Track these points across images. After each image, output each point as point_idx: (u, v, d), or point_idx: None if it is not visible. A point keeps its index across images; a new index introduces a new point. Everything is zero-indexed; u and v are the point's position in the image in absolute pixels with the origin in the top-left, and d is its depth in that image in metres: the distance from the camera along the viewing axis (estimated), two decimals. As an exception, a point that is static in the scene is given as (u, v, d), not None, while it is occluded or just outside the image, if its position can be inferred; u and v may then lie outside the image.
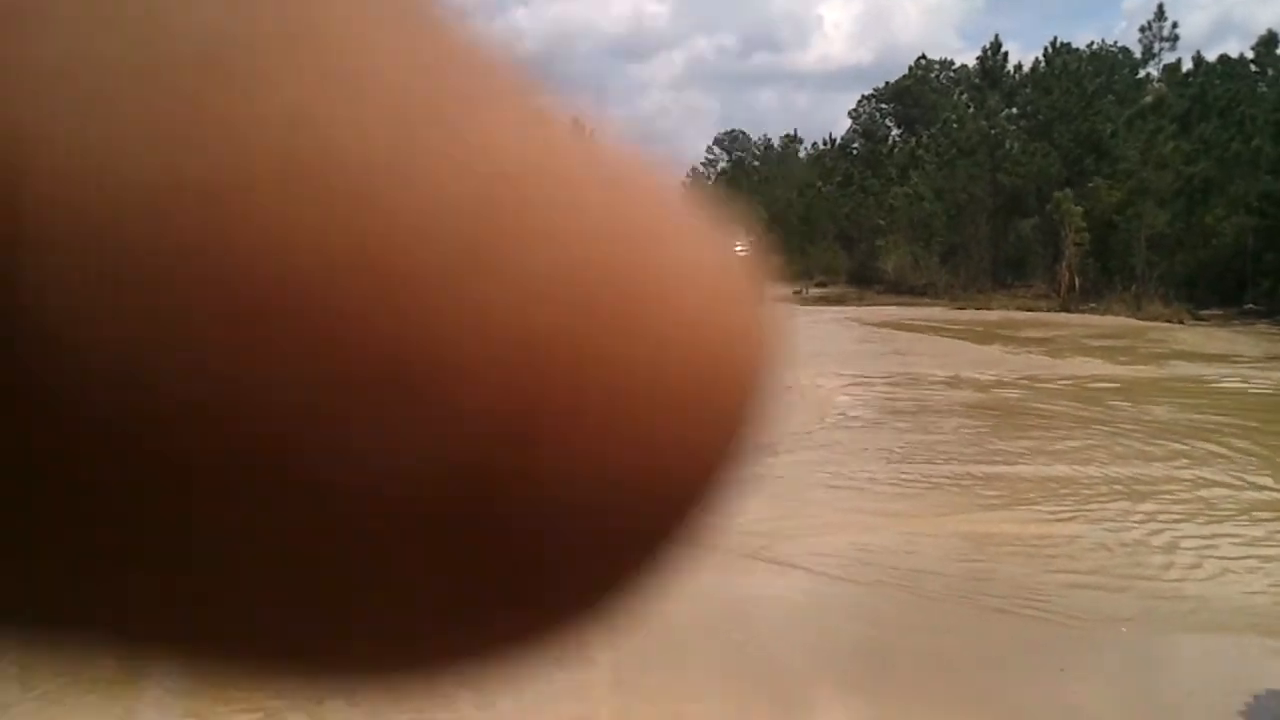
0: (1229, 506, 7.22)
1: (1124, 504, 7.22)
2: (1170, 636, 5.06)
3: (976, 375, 14.45)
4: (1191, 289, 27.63)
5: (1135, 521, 6.83)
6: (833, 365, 15.22)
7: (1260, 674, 4.49)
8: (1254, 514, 7.02)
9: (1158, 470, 8.30)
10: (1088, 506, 7.17)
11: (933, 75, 68.63)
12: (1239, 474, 8.14)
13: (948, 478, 8.13)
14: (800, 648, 4.86)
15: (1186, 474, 8.17)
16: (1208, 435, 9.80)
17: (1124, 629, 5.04)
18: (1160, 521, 6.84)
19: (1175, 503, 7.31)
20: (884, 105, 71.48)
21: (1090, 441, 9.48)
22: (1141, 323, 24.13)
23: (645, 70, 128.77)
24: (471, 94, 0.12)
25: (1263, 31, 37.92)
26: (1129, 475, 8.06)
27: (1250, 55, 38.27)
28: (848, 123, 73.24)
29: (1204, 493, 7.56)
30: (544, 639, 0.13)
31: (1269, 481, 7.89)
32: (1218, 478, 8.02)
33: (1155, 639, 5.04)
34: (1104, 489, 7.65)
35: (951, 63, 67.55)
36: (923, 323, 24.14)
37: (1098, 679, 4.54)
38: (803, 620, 5.22)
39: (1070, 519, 6.88)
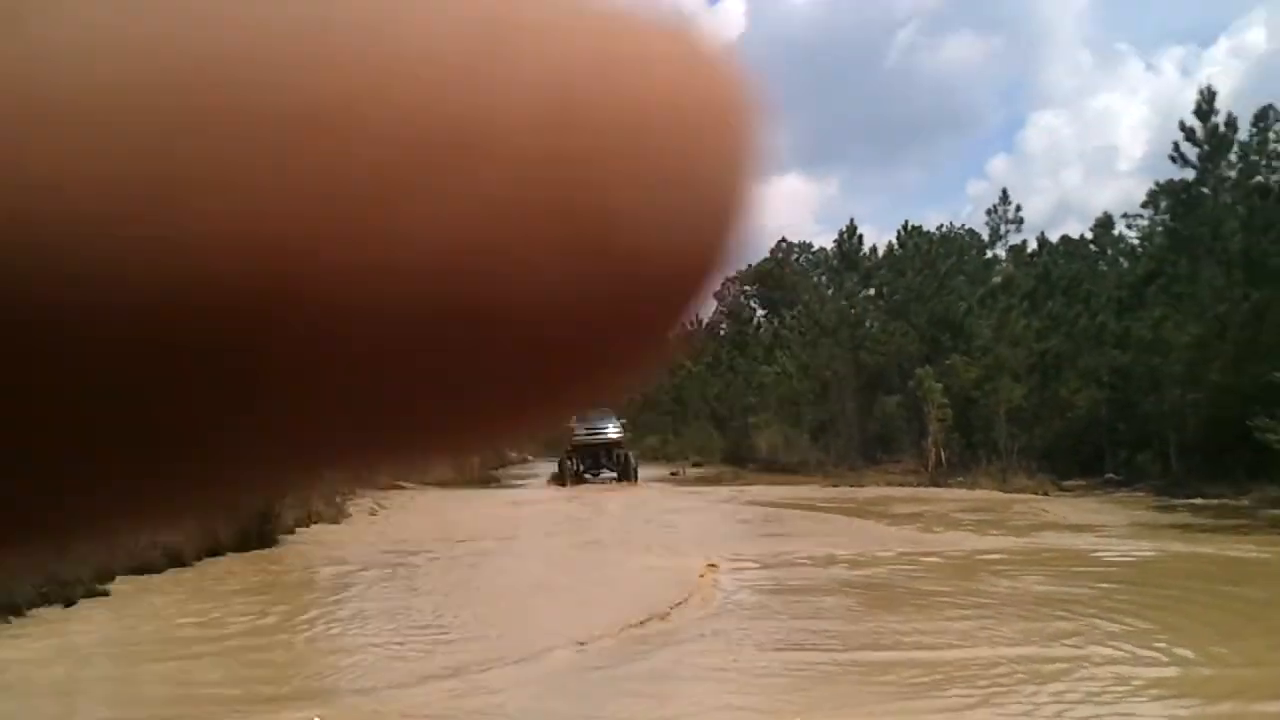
0: (1137, 681, 7.12)
1: (1030, 686, 7.06)
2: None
3: (856, 554, 14.39)
4: (1053, 460, 28.48)
5: (1045, 702, 6.66)
6: (717, 547, 15.03)
7: None
8: (1162, 688, 6.94)
9: (1055, 649, 8.20)
10: (992, 690, 6.99)
11: (793, 258, 71.22)
12: (1135, 647, 8.09)
13: (840, 666, 7.89)
14: None
15: (1083, 650, 8.08)
16: (1094, 606, 9.82)
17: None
18: (1068, 702, 6.69)
19: (1081, 680, 7.18)
20: (747, 287, 73.70)
21: (980, 620, 9.39)
22: (1008, 495, 24.63)
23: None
24: None
25: (1099, 213, 40.64)
26: (1026, 655, 7.92)
27: (1089, 235, 40.90)
28: (714, 304, 75.19)
29: (1109, 669, 7.47)
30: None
31: (1168, 653, 7.86)
32: (1115, 652, 7.96)
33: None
34: (1003, 670, 7.49)
35: (810, 245, 70.28)
36: (802, 502, 24.22)
37: None
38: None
39: (977, 706, 6.67)
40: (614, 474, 34.54)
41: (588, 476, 34.23)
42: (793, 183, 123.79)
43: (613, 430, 35.87)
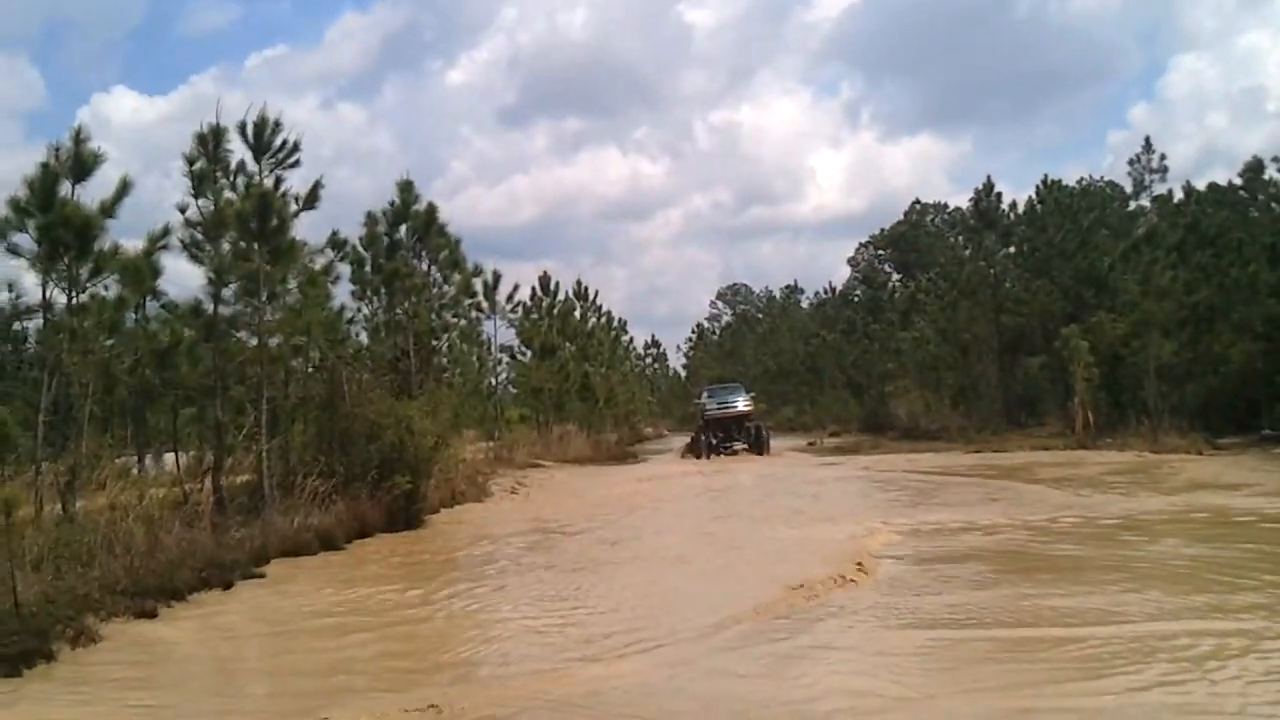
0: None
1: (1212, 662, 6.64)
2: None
3: (1001, 521, 14.03)
4: (1207, 417, 27.25)
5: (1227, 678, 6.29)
6: (856, 520, 14.85)
7: None
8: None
9: (1229, 622, 7.77)
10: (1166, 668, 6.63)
11: (927, 219, 69.84)
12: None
13: (997, 643, 7.63)
14: None
15: (1257, 624, 7.65)
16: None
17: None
18: (1249, 679, 6.33)
19: (1262, 656, 6.79)
20: (881, 251, 72.57)
21: (1143, 590, 8.98)
22: (1159, 456, 23.68)
23: (644, 230, 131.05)
24: None
25: (1248, 158, 38.53)
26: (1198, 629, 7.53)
27: (1238, 182, 38.85)
28: (847, 270, 74.26)
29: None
30: None
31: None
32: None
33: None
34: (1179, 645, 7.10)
35: (945, 206, 68.86)
36: (946, 470, 23.73)
37: None
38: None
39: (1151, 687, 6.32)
40: (745, 446, 34.87)
41: (721, 450, 34.54)
42: (924, 142, 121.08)
43: (743, 403, 36.84)
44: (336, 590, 11.37)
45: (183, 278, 17.30)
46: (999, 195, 40.55)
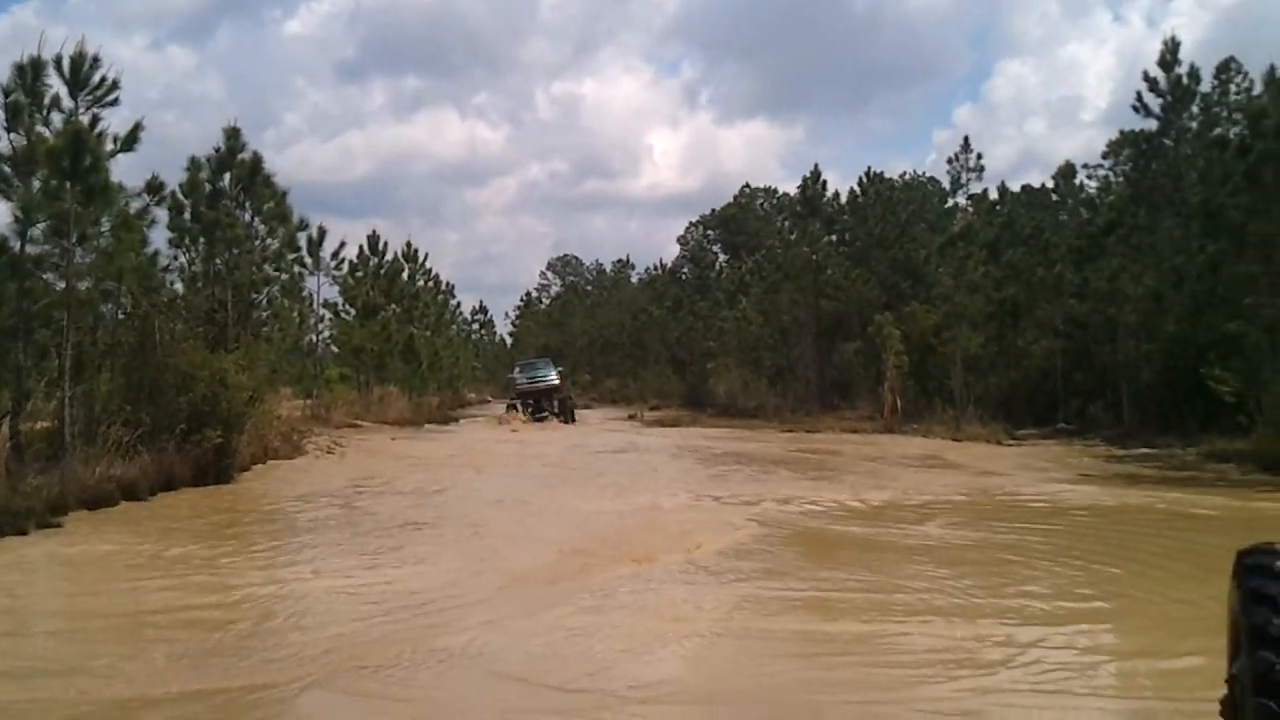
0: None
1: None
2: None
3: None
4: (1008, 409, 28.65)
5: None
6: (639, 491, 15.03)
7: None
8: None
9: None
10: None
11: (756, 203, 71.10)
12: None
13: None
14: None
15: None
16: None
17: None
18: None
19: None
20: (710, 231, 73.54)
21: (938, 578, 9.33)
22: (961, 444, 24.77)
23: (480, 195, 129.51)
24: None
25: (1061, 163, 40.54)
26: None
27: (1051, 185, 40.89)
28: (677, 248, 75.02)
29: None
30: None
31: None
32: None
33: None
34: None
35: (774, 190, 70.22)
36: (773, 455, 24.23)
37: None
38: None
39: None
40: (555, 415, 36.61)
41: (534, 418, 35.87)
42: (759, 127, 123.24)
43: (552, 376, 39.12)
44: (138, 541, 10.93)
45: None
46: (825, 183, 41.90)
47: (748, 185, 73.02)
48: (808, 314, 38.11)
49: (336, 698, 5.90)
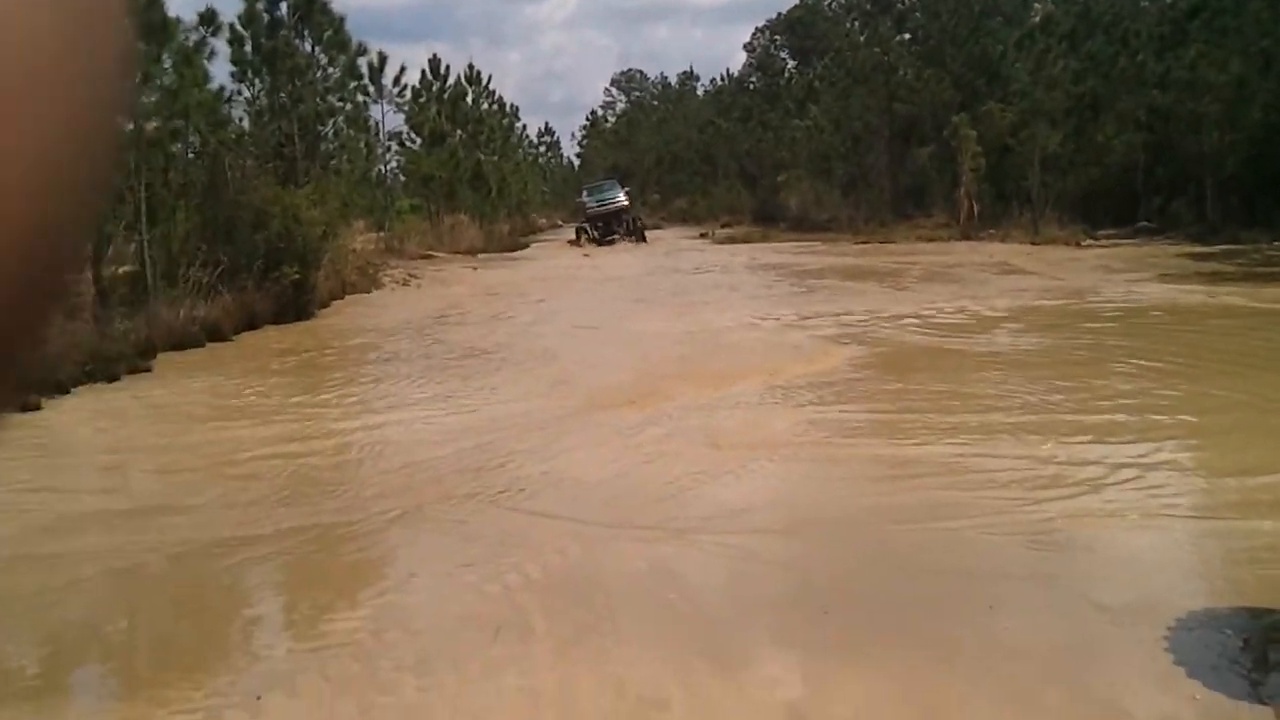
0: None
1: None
2: None
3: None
4: (1087, 209, 28.00)
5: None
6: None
7: None
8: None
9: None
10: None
11: (825, 3, 68.53)
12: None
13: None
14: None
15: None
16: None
17: None
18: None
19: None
20: (778, 37, 71.30)
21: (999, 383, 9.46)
22: (1039, 247, 24.41)
23: (539, 11, 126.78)
24: None
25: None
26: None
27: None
28: (743, 57, 73.05)
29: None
30: None
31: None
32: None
33: None
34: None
35: (843, -12, 67.46)
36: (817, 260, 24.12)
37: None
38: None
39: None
40: (625, 236, 36.72)
41: (604, 242, 35.94)
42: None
43: (621, 197, 38.72)
44: (226, 381, 11.32)
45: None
46: (896, -21, 40.07)
47: (814, -16, 70.28)
48: (880, 119, 37.23)
49: (425, 528, 6.19)
